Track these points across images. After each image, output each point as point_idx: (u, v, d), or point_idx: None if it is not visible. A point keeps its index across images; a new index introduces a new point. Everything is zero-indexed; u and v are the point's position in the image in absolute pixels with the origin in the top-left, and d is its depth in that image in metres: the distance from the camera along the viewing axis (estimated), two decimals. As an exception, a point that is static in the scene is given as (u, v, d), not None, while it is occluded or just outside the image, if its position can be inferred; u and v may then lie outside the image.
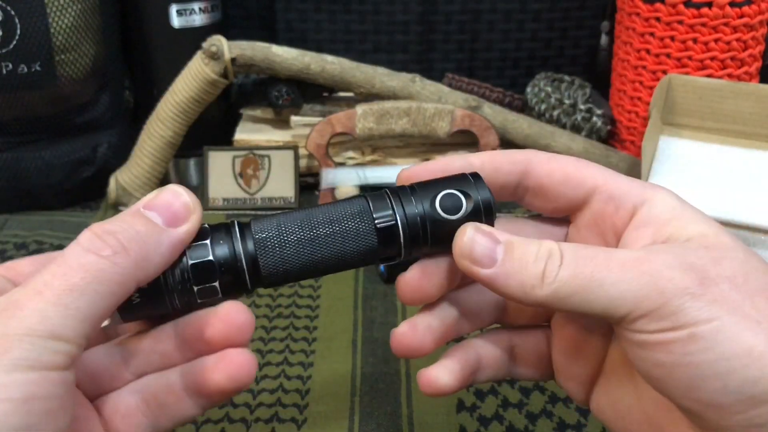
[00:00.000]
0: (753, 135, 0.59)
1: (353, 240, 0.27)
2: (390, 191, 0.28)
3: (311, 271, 0.27)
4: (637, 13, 0.66)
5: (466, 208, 0.27)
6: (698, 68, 0.63)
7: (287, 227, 0.26)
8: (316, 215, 0.27)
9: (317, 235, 0.26)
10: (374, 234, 0.27)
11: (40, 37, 0.60)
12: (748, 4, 0.61)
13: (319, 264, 0.27)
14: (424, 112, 0.65)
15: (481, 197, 0.27)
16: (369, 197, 0.28)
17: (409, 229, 0.27)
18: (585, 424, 0.41)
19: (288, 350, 0.47)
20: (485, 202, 0.27)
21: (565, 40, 0.84)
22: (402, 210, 0.27)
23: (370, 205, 0.27)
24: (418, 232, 0.27)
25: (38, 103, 0.63)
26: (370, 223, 0.27)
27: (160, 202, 0.24)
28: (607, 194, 0.27)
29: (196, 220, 0.25)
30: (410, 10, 0.82)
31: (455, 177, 0.28)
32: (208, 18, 0.69)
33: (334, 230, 0.27)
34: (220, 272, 0.26)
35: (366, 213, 0.27)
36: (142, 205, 0.24)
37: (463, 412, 0.42)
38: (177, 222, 0.24)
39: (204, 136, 0.68)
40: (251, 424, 0.41)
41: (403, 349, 0.29)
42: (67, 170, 0.66)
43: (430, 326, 0.29)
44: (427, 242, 0.27)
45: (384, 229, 0.27)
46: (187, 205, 0.25)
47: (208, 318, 0.25)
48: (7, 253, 0.59)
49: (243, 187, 0.67)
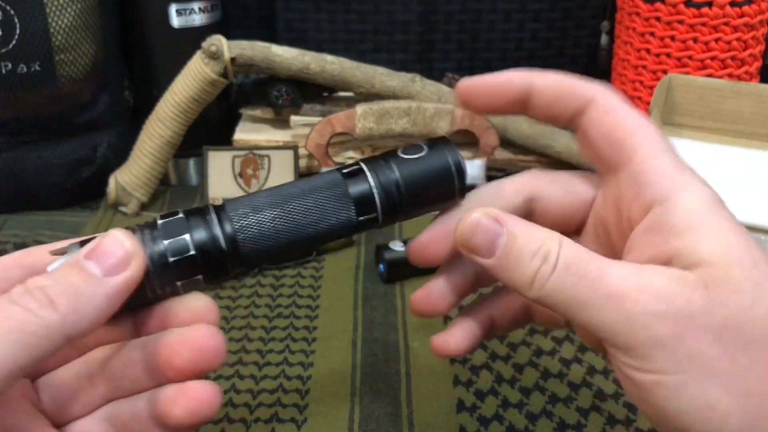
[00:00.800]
0: (753, 135, 0.59)
1: (329, 209, 0.27)
2: (362, 160, 0.29)
3: (290, 247, 0.27)
4: (637, 12, 0.65)
5: (427, 147, 0.28)
6: (698, 68, 0.63)
7: (262, 204, 0.27)
8: (289, 190, 0.27)
9: (292, 209, 0.27)
10: (350, 198, 0.27)
11: (40, 36, 0.60)
12: (749, 4, 0.61)
13: (296, 239, 0.27)
14: (424, 111, 0.65)
15: (445, 145, 0.28)
16: (342, 168, 0.28)
17: (381, 185, 0.27)
18: (585, 424, 0.41)
19: (288, 350, 0.47)
20: (447, 144, 0.28)
21: (565, 39, 0.84)
22: (374, 171, 0.28)
23: (342, 172, 0.28)
24: (392, 188, 0.27)
25: (38, 103, 0.63)
26: (343, 188, 0.27)
27: (99, 251, 0.24)
28: (635, 176, 0.25)
29: (137, 266, 0.24)
30: (410, 9, 0.82)
31: None
32: (207, 18, 0.68)
33: (308, 201, 0.27)
34: (203, 264, 0.25)
35: (338, 181, 0.27)
36: (83, 254, 0.24)
37: (464, 412, 0.41)
38: (116, 271, 0.23)
39: (204, 135, 0.68)
40: (251, 424, 0.41)
41: (422, 310, 0.30)
42: (66, 170, 0.66)
43: (444, 290, 0.30)
44: (402, 197, 0.28)
45: (359, 194, 0.27)
46: (127, 251, 0.24)
47: (178, 347, 0.25)
48: (7, 252, 0.59)
49: (243, 187, 0.67)
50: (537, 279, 0.24)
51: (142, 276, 0.24)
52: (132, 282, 0.24)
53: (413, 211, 0.28)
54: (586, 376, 0.44)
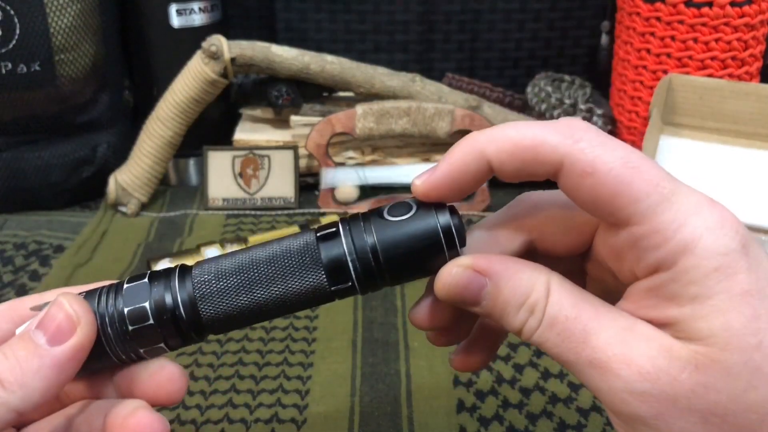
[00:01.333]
0: (753, 135, 0.59)
1: (298, 277, 0.24)
2: (342, 220, 0.25)
3: (257, 315, 0.25)
4: (637, 12, 0.65)
5: (416, 206, 0.25)
6: (699, 68, 0.63)
7: (227, 270, 0.25)
8: (258, 255, 0.25)
9: (258, 277, 0.25)
10: (321, 268, 0.24)
11: (40, 36, 0.60)
12: (749, 4, 0.61)
13: (263, 307, 0.25)
14: (424, 111, 0.65)
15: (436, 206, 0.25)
16: (318, 229, 0.25)
17: (356, 251, 0.24)
18: (585, 424, 0.41)
19: (288, 350, 0.47)
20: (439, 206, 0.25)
21: (565, 39, 0.84)
22: (350, 235, 0.25)
23: (317, 235, 0.25)
24: (367, 256, 0.24)
25: (38, 103, 0.63)
26: (315, 254, 0.24)
27: (45, 320, 0.24)
28: (634, 240, 0.22)
29: (84, 332, 0.24)
30: (410, 9, 0.82)
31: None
32: (207, 18, 0.69)
33: (275, 269, 0.25)
34: (162, 333, 0.25)
35: (311, 245, 0.25)
36: (34, 324, 0.24)
37: (464, 412, 0.41)
38: (61, 338, 0.23)
39: (204, 135, 0.68)
40: (251, 424, 0.41)
41: (419, 326, 0.28)
42: (66, 170, 0.66)
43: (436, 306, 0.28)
44: (381, 268, 0.24)
45: (331, 261, 0.24)
46: (70, 317, 0.24)
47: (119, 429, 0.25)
48: (7, 253, 0.59)
49: (243, 187, 0.67)
50: (525, 331, 0.23)
51: (91, 341, 0.24)
52: (80, 348, 0.24)
53: (397, 278, 0.25)
54: (587, 376, 0.44)
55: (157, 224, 0.64)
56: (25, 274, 0.56)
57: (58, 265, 0.57)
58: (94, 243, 0.60)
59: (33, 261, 0.58)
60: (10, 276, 0.56)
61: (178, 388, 0.26)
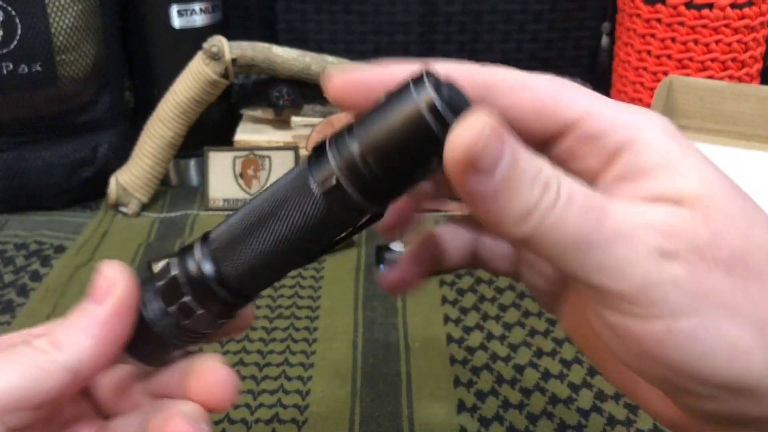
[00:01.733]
0: (754, 136, 0.59)
1: (298, 210, 0.22)
2: (331, 135, 0.22)
3: (277, 262, 0.24)
4: (638, 14, 0.66)
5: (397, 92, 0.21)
6: (699, 70, 0.63)
7: (233, 222, 0.25)
8: (258, 199, 0.24)
9: (260, 219, 0.23)
10: (321, 196, 0.22)
11: (41, 37, 0.60)
12: (749, 6, 0.61)
13: (278, 251, 0.23)
14: (424, 112, 0.65)
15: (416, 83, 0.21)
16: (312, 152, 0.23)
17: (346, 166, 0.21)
18: (585, 425, 0.41)
19: (288, 351, 0.47)
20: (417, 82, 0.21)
21: (565, 41, 0.84)
22: (336, 149, 0.21)
23: (308, 162, 0.23)
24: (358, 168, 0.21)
25: (39, 103, 0.63)
26: (311, 186, 0.22)
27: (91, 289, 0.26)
28: (585, 133, 0.22)
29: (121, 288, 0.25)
30: (411, 10, 0.82)
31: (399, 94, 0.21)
32: (208, 18, 0.69)
33: (275, 208, 0.23)
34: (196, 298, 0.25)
35: (303, 174, 0.22)
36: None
37: (464, 412, 0.41)
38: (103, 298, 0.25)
39: (204, 136, 0.68)
40: (252, 425, 0.41)
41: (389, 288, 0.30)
42: (67, 170, 0.66)
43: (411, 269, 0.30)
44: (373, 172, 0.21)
45: (329, 189, 0.22)
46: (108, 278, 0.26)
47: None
48: (7, 253, 0.59)
49: (243, 188, 0.67)
50: (536, 211, 0.20)
51: (131, 297, 0.25)
52: (120, 303, 0.25)
53: (398, 182, 0.22)
54: (587, 376, 0.44)
55: (158, 225, 0.64)
56: (26, 275, 0.56)
57: (59, 265, 0.57)
58: (95, 243, 0.60)
59: (34, 261, 0.58)
60: (11, 276, 0.56)
61: (223, 391, 0.27)
